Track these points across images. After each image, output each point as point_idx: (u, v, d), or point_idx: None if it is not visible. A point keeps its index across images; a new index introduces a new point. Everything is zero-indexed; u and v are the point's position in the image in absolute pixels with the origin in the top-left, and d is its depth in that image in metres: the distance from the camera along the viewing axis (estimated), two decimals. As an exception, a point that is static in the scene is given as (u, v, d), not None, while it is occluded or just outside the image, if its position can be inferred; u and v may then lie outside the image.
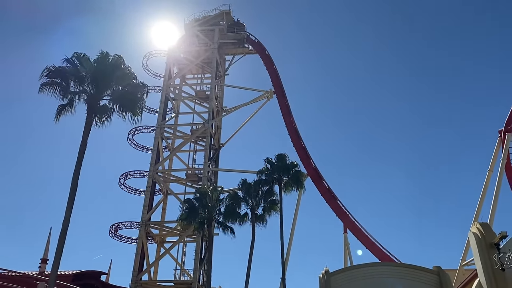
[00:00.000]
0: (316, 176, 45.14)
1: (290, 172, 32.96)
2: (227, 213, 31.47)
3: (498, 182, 42.72)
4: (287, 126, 47.80)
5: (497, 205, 41.67)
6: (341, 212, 43.24)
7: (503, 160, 44.55)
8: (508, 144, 45.55)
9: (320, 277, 24.51)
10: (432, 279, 23.32)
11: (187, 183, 47.47)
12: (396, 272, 23.97)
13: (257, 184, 32.49)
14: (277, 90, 49.76)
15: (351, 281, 23.91)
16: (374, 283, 23.50)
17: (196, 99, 51.74)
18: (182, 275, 43.23)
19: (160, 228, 45.04)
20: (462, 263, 40.00)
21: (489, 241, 23.70)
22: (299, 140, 47.26)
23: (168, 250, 43.24)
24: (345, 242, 43.23)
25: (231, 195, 32.62)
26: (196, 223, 32.15)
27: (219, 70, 52.66)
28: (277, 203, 32.04)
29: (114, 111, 24.75)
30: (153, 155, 45.62)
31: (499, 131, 46.76)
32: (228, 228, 31.44)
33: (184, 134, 49.20)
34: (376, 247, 40.45)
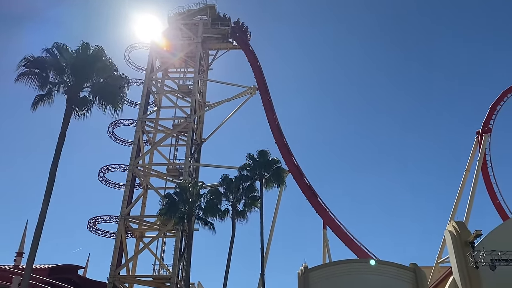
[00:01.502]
0: (297, 173, 45.31)
1: (271, 169, 33.03)
2: (208, 209, 31.36)
3: (474, 182, 43.73)
4: (269, 123, 47.81)
5: (473, 205, 42.70)
6: (321, 209, 43.51)
7: (479, 161, 45.58)
8: (484, 145, 46.62)
9: (299, 273, 24.68)
10: (408, 276, 23.72)
11: (167, 177, 47.11)
12: (373, 269, 24.28)
13: (238, 180, 32.45)
14: (261, 86, 49.71)
15: (329, 277, 24.14)
16: (351, 280, 23.78)
17: (179, 93, 51.32)
18: (161, 270, 42.94)
19: (140, 223, 44.62)
20: (438, 261, 40.79)
21: (464, 240, 24.21)
22: (281, 136, 47.34)
23: (147, 245, 42.89)
24: (324, 238, 43.54)
25: (212, 191, 32.52)
26: (176, 218, 31.97)
27: (203, 65, 52.33)
28: (258, 199, 32.06)
29: (94, 103, 24.35)
30: (134, 149, 45.09)
31: (476, 132, 47.81)
32: (208, 224, 31.34)
33: (166, 128, 48.78)
34: (355, 244, 40.87)
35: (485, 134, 46.90)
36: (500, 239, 23.56)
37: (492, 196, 46.86)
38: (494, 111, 48.29)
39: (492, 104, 48.46)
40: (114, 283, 38.52)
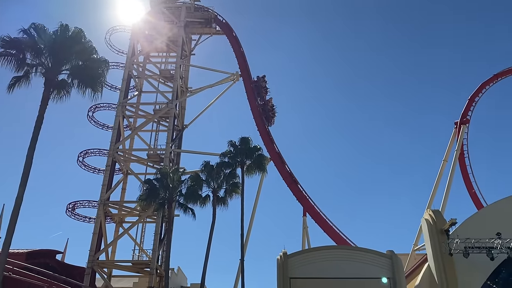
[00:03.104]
0: (278, 160, 45.48)
1: (253, 156, 33.09)
2: (188, 195, 31.32)
3: (451, 172, 44.63)
4: (252, 110, 47.72)
5: (449, 194, 43.66)
6: (301, 196, 43.88)
7: (457, 151, 46.48)
8: (462, 136, 47.54)
9: (278, 259, 24.93)
10: (385, 263, 24.20)
11: (148, 163, 46.77)
12: (351, 255, 24.72)
13: (219, 167, 32.44)
14: (243, 73, 49.44)
15: (307, 263, 24.46)
16: (329, 265, 24.16)
17: (160, 78, 50.70)
18: (141, 255, 42.88)
19: (119, 208, 44.31)
20: (414, 248, 41.76)
21: (439, 228, 24.80)
22: (263, 124, 47.35)
23: (127, 230, 42.69)
24: (303, 225, 44.06)
25: (193, 177, 32.46)
26: (156, 204, 31.86)
27: (185, 50, 51.71)
28: (239, 186, 32.15)
29: (73, 86, 23.83)
30: (114, 133, 44.50)
31: (455, 123, 48.66)
32: (189, 210, 31.33)
33: (147, 113, 48.25)
34: (333, 231, 41.44)
35: (463, 125, 47.78)
36: (474, 228, 24.22)
37: (468, 185, 47.99)
38: (473, 103, 49.15)
39: (471, 96, 49.30)
40: (93, 268, 38.32)
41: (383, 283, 23.25)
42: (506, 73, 50.19)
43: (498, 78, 50.07)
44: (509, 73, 50.37)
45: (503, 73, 50.04)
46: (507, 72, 50.24)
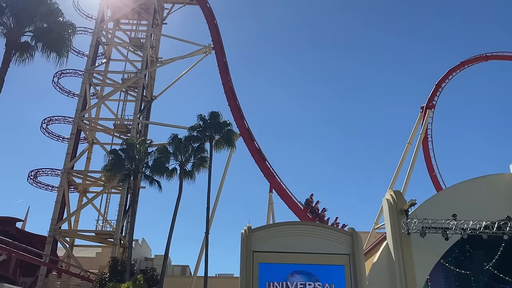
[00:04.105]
0: (248, 136, 45.42)
1: (222, 131, 32.99)
2: (155, 167, 31.07)
3: (415, 155, 45.93)
4: (223, 84, 47.15)
5: (411, 176, 45.10)
6: (268, 173, 44.18)
7: (421, 134, 47.77)
8: (427, 120, 48.80)
9: (242, 233, 25.22)
10: (346, 240, 24.87)
11: (114, 133, 45.96)
12: (313, 231, 25.23)
13: (187, 140, 32.22)
14: (216, 46, 48.61)
15: (271, 237, 24.85)
16: (292, 240, 24.63)
17: (130, 46, 49.37)
18: (105, 226, 42.54)
19: (84, 178, 43.58)
20: (375, 227, 43.14)
21: (399, 208, 25.61)
22: (234, 99, 46.95)
23: (91, 200, 42.12)
24: (269, 201, 44.56)
25: (160, 149, 32.15)
26: (122, 174, 31.48)
27: (157, 18, 50.36)
28: (207, 160, 32.10)
29: (37, 49, 22.86)
30: (80, 101, 43.31)
31: (421, 107, 49.82)
32: (154, 182, 31.15)
33: (115, 82, 47.09)
34: (298, 208, 42.13)
35: (429, 110, 48.96)
36: (432, 209, 25.16)
37: (430, 168, 49.56)
38: (439, 88, 50.26)
39: (438, 81, 50.39)
40: (55, 237, 37.79)
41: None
42: (472, 61, 51.46)
43: (465, 65, 51.26)
44: (476, 61, 51.67)
45: (469, 61, 51.28)
46: (473, 60, 51.51)
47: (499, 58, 51.77)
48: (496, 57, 51.53)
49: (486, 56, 51.56)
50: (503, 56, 51.27)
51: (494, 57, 51.51)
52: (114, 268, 30.41)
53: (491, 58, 51.48)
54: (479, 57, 51.67)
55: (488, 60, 51.60)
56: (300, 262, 24.33)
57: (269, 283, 24.00)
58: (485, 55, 51.62)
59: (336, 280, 24.03)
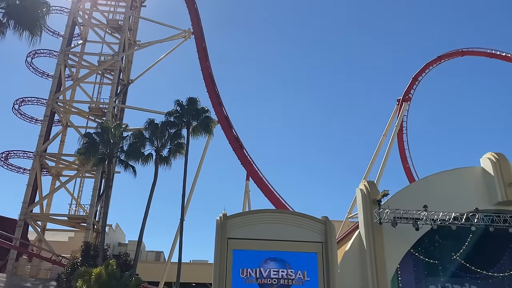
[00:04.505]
0: (226, 124, 45.28)
1: (200, 117, 32.62)
2: (130, 152, 30.65)
3: (389, 146, 46.70)
4: (202, 70, 46.71)
5: (386, 167, 45.90)
6: (246, 161, 44.28)
7: (397, 126, 48.58)
8: (403, 113, 49.61)
9: (218, 219, 25.24)
10: (319, 228, 25.20)
11: (89, 117, 45.17)
12: (288, 219, 25.46)
13: (164, 126, 31.79)
14: (196, 31, 47.98)
15: (246, 225, 24.96)
16: (266, 228, 24.82)
17: (107, 28, 48.31)
18: (78, 210, 41.98)
19: (57, 161, 42.78)
20: (348, 216, 43.83)
21: (373, 198, 26.01)
22: (213, 86, 46.59)
23: (64, 184, 41.45)
24: (246, 189, 44.72)
25: (136, 134, 31.69)
26: (96, 158, 30.98)
27: (135, 0, 49.33)
28: (184, 146, 31.78)
29: (9, 27, 22.03)
30: (54, 82, 42.33)
31: (397, 100, 50.58)
32: (129, 167, 30.77)
33: (91, 64, 46.15)
34: (274, 196, 42.47)
35: (405, 102, 49.75)
36: (404, 200, 25.65)
37: (403, 160, 50.54)
38: (416, 81, 51.05)
39: (415, 75, 51.14)
40: (26, 220, 37.10)
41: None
42: (449, 56, 52.35)
43: (442, 60, 52.12)
44: (452, 56, 52.58)
45: (446, 56, 52.15)
46: (450, 54, 52.40)
47: (474, 54, 52.78)
48: (471, 52, 52.52)
49: (462, 52, 52.51)
50: (478, 52, 52.28)
51: (470, 52, 52.50)
52: (86, 253, 30.09)
53: (467, 53, 52.46)
54: (455, 52, 52.60)
55: (464, 55, 52.58)
56: (274, 249, 24.58)
57: (242, 270, 24.20)
58: (461, 51, 52.56)
59: (308, 267, 24.40)
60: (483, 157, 28.41)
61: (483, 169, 27.89)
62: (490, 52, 51.32)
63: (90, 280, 22.69)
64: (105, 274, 22.72)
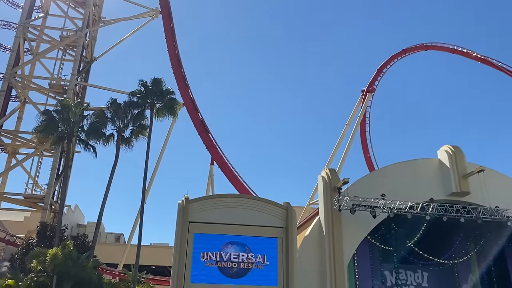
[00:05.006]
0: (192, 107, 44.68)
1: (164, 99, 32.01)
2: (91, 131, 29.82)
3: (352, 136, 47.59)
4: (169, 51, 45.73)
5: (347, 156, 46.79)
6: (210, 145, 43.95)
7: (360, 117, 49.48)
8: (366, 103, 50.55)
9: (180, 203, 25.10)
10: (280, 213, 25.51)
11: (49, 93, 43.58)
12: (250, 204, 25.63)
13: (127, 106, 31.02)
14: (163, 11, 46.77)
15: (208, 209, 24.95)
16: (228, 212, 24.92)
17: (71, 2, 46.44)
18: (35, 189, 40.68)
19: (13, 138, 41.21)
20: (310, 202, 44.55)
21: (333, 185, 26.52)
22: (180, 68, 45.79)
23: (21, 162, 39.99)
24: (210, 173, 44.59)
25: (98, 113, 30.83)
26: (55, 137, 30.01)
27: (102, -25, 47.63)
28: (147, 128, 31.17)
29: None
30: (12, 56, 40.53)
31: (362, 90, 51.45)
32: (90, 147, 29.99)
33: (52, 39, 44.37)
34: (238, 181, 42.48)
35: (369, 93, 50.67)
36: (363, 188, 26.30)
37: (365, 150, 51.69)
38: (380, 73, 52.04)
39: (380, 67, 52.10)
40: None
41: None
42: (413, 49, 53.59)
43: (407, 53, 53.31)
44: (417, 50, 53.88)
45: (411, 49, 53.36)
46: (414, 48, 53.66)
47: (437, 49, 54.30)
48: (435, 47, 54.00)
49: (426, 46, 53.89)
50: (442, 47, 53.81)
51: (434, 47, 53.96)
52: (42, 233, 29.32)
53: (431, 48, 53.89)
54: (420, 46, 53.91)
55: (428, 49, 54.01)
56: (235, 233, 24.75)
57: (203, 253, 24.27)
58: (425, 45, 53.94)
59: (268, 252, 24.74)
60: (440, 149, 29.46)
61: (439, 161, 28.93)
62: (452, 48, 52.95)
63: (45, 261, 22.17)
64: (61, 255, 22.25)
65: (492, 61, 51.45)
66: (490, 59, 51.55)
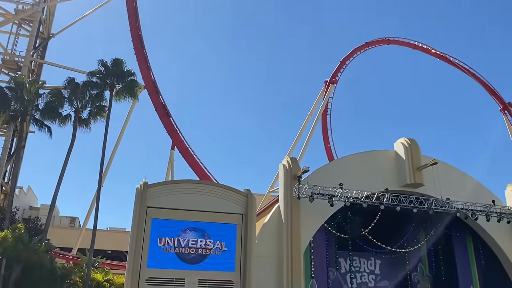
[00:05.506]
0: (153, 89, 43.60)
1: (125, 80, 31.23)
2: (46, 111, 28.77)
3: (314, 126, 48.24)
4: (131, 31, 44.38)
5: (308, 145, 47.46)
6: (172, 130, 43.25)
7: (322, 107, 50.17)
8: (329, 94, 51.29)
9: (138, 187, 24.66)
10: (240, 200, 25.59)
11: (2, 69, 41.45)
12: (210, 190, 25.54)
13: (86, 86, 30.09)
14: (127, -12, 45.33)
15: (167, 194, 24.67)
16: (187, 198, 24.74)
17: (27, -26, 44.09)
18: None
19: (-39, 115, 38.92)
20: (270, 190, 44.98)
21: (294, 174, 26.85)
22: (142, 49, 44.47)
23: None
24: (170, 158, 44.02)
25: (54, 92, 29.74)
26: (7, 115, 28.72)
27: None
28: (105, 109, 30.37)
29: None
30: (-39, 28, 38.11)
31: (324, 82, 52.11)
32: (45, 127, 28.90)
33: (6, 12, 42.09)
34: (199, 166, 42.11)
35: (332, 85, 51.40)
36: (322, 177, 26.79)
37: (325, 140, 52.56)
38: (343, 65, 52.80)
39: (343, 59, 52.83)
40: None
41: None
42: (376, 43, 54.65)
43: (369, 46, 54.28)
44: (379, 43, 54.96)
45: (373, 42, 54.39)
46: (377, 42, 54.72)
47: (399, 43, 55.57)
48: (396, 42, 55.25)
49: (388, 40, 55.06)
50: (403, 42, 55.11)
51: (395, 41, 55.20)
52: (-9, 216, 28.11)
53: (393, 42, 55.11)
54: (382, 40, 55.03)
55: (390, 44, 55.19)
56: (194, 219, 24.63)
57: (160, 239, 24.04)
58: (388, 39, 55.09)
59: (227, 238, 24.81)
60: (397, 141, 30.39)
61: (396, 153, 29.86)
62: (413, 43, 54.35)
63: (-6, 244, 21.32)
64: (11, 238, 21.51)
65: (450, 58, 53.30)
66: (448, 56, 53.37)
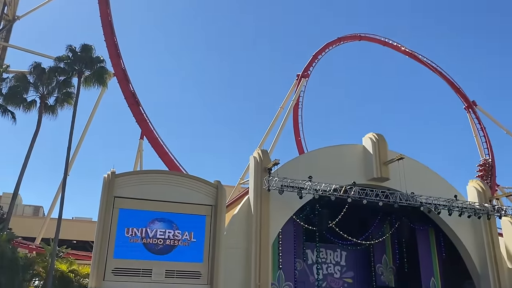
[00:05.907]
0: (123, 77, 42.81)
1: (94, 67, 30.41)
2: (10, 96, 27.73)
3: (285, 119, 48.60)
4: (101, 17, 43.27)
5: (279, 138, 47.80)
6: (141, 119, 42.62)
7: (293, 101, 50.59)
8: (300, 88, 51.70)
9: (105, 177, 24.18)
10: (210, 191, 25.51)
11: (-37, 51, 39.66)
12: (180, 181, 25.33)
13: (52, 71, 29.14)
14: (97, -27, 44.01)
15: (135, 184, 24.28)
16: (156, 188, 24.45)
17: (-9, -48, 42.18)
18: None
19: None
20: (240, 182, 45.09)
21: (264, 166, 26.97)
22: (112, 35, 43.49)
23: None
24: (139, 148, 43.44)
25: (18, 77, 28.70)
26: (-33, 99, 27.52)
27: None
28: (73, 96, 29.53)
29: None
30: None
31: (297, 75, 52.49)
32: (8, 112, 27.89)
33: (-32, -9, 40.12)
34: (168, 157, 41.75)
35: (304, 78, 51.84)
36: (292, 170, 27.02)
37: (296, 133, 53.04)
38: (315, 60, 53.32)
39: (315, 53, 53.33)
40: None
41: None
42: (348, 39, 55.39)
43: (341, 41, 54.96)
44: (351, 39, 55.74)
45: (345, 38, 55.10)
46: (349, 37, 55.46)
47: (370, 40, 56.54)
48: (368, 38, 56.18)
49: (360, 36, 55.90)
50: (374, 38, 56.12)
51: (367, 38, 56.12)
52: (-51, 204, 26.96)
53: (364, 38, 56.00)
54: (354, 36, 55.82)
55: (362, 40, 56.07)
56: (162, 210, 24.42)
57: (128, 229, 23.73)
58: (359, 35, 55.92)
59: (196, 229, 24.72)
60: (365, 136, 30.97)
61: (364, 147, 30.43)
62: (383, 40, 55.45)
63: (-49, 233, 20.48)
64: (-30, 227, 20.67)
65: (419, 56, 54.63)
66: (416, 54, 54.70)
